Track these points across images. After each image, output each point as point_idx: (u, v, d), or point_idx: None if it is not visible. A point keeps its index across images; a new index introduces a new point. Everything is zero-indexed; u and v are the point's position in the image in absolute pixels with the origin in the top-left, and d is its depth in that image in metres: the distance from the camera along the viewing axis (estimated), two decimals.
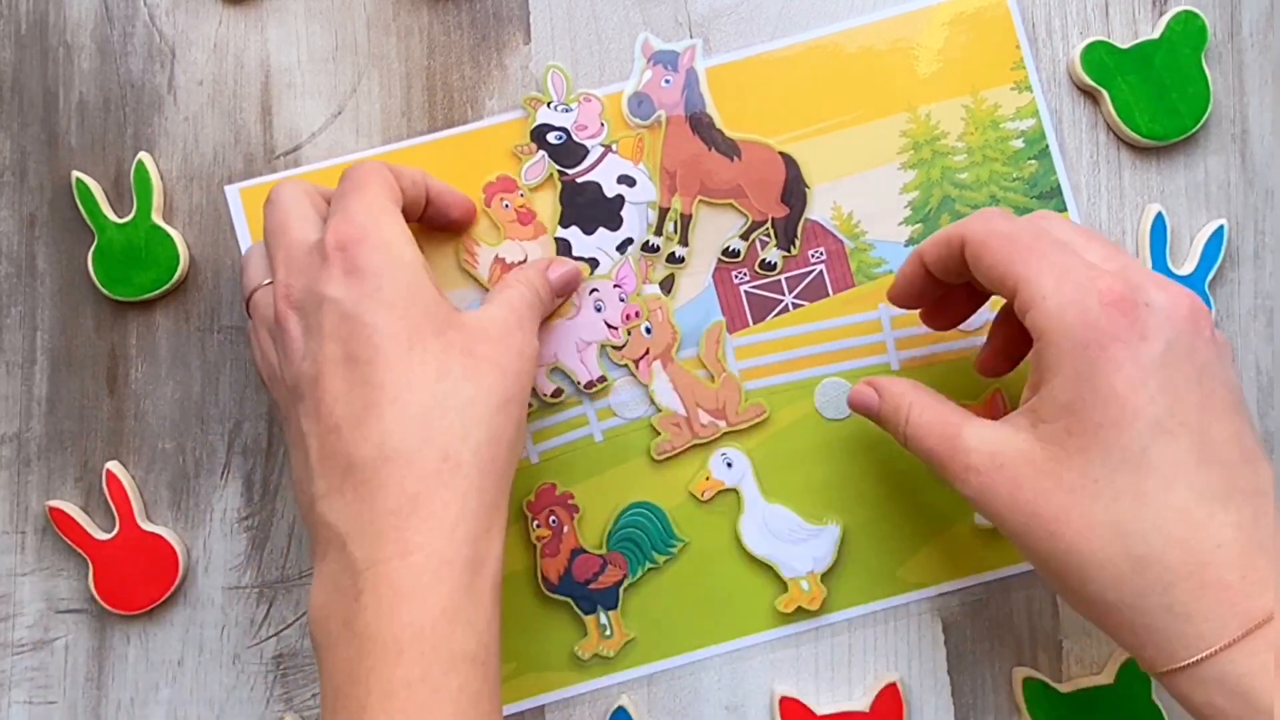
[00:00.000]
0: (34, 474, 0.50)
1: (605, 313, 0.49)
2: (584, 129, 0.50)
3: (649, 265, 0.50)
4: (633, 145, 0.50)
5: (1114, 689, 0.48)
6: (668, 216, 0.50)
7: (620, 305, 0.49)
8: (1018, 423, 0.39)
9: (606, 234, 0.50)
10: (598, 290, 0.49)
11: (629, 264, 0.50)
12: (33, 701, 0.50)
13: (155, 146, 0.51)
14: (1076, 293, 0.37)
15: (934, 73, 0.51)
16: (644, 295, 0.50)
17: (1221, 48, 0.51)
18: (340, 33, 0.51)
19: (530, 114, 0.50)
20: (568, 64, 0.51)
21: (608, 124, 0.50)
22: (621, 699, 0.49)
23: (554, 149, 0.50)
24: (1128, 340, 0.36)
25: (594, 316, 0.49)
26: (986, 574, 0.50)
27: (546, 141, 0.50)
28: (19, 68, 0.51)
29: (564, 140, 0.50)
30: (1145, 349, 0.36)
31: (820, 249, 0.50)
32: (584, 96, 0.50)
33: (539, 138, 0.50)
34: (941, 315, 0.47)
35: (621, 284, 0.49)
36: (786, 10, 0.51)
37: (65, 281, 0.51)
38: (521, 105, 0.50)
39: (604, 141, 0.50)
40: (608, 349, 0.49)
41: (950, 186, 0.50)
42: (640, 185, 0.50)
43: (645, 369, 0.49)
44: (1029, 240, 0.39)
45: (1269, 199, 0.51)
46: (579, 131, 0.50)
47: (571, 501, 0.49)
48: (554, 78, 0.50)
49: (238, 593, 0.50)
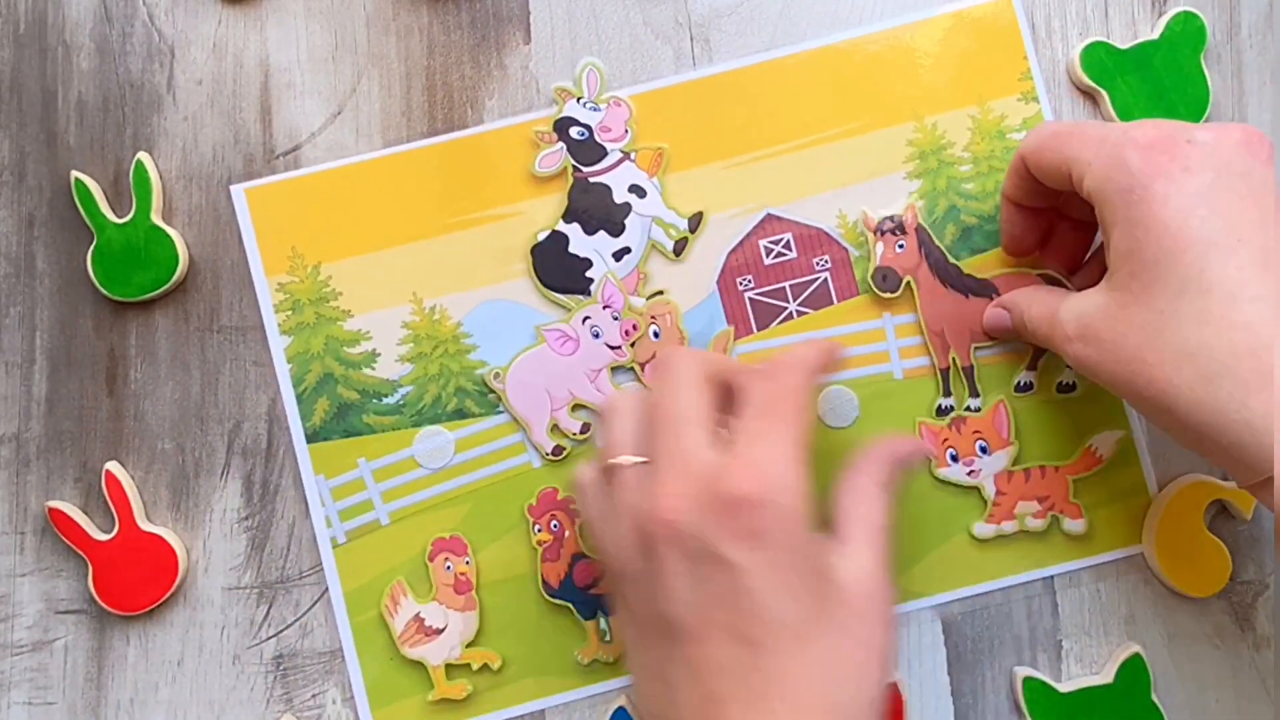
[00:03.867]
0: (33, 474, 0.50)
1: (604, 337, 0.49)
2: (608, 131, 0.50)
3: (640, 279, 0.50)
4: (651, 158, 0.50)
5: (1114, 689, 0.48)
6: (950, 376, 0.50)
7: (616, 324, 0.49)
8: (1100, 286, 0.41)
9: (606, 238, 0.50)
10: (590, 317, 0.49)
11: (610, 282, 0.49)
12: (32, 702, 0.50)
13: (154, 146, 0.51)
14: (1114, 149, 0.39)
15: (940, 82, 0.50)
16: (635, 307, 0.49)
17: (1221, 48, 0.51)
18: (340, 32, 0.51)
19: (559, 104, 0.50)
20: (567, 64, 0.51)
21: (632, 131, 0.50)
22: (621, 699, 0.49)
23: (574, 144, 0.50)
24: (1170, 174, 0.37)
25: (594, 344, 0.49)
26: (987, 584, 0.50)
27: (568, 135, 0.50)
28: (17, 67, 0.51)
29: (586, 138, 0.50)
30: (1190, 179, 0.37)
31: (825, 257, 0.50)
32: (614, 100, 0.50)
33: (562, 130, 0.50)
34: (1059, 254, 0.49)
35: (610, 304, 0.49)
36: (787, 12, 0.51)
37: (64, 281, 0.50)
38: (552, 95, 0.50)
39: (624, 148, 0.50)
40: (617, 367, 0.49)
41: (956, 196, 0.50)
42: (650, 198, 0.50)
43: (651, 372, 0.49)
44: (1071, 128, 0.42)
45: None
46: (602, 133, 0.50)
47: (573, 506, 0.49)
48: (589, 75, 0.50)
49: (238, 593, 0.50)
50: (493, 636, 0.49)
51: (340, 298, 0.50)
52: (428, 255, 0.50)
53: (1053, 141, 0.42)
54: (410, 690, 0.49)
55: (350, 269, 0.50)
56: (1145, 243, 0.38)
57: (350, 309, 0.50)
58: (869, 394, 0.50)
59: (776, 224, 0.50)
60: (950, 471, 0.49)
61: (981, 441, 0.49)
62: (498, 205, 0.50)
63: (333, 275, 0.50)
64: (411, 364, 0.50)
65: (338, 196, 0.50)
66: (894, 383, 0.50)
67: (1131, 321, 0.38)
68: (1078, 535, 0.49)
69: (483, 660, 0.49)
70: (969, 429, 0.49)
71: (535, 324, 0.50)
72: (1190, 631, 0.49)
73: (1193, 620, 0.49)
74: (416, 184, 0.50)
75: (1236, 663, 0.49)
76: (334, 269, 0.50)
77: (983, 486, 0.49)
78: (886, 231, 0.50)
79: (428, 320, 0.50)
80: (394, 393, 0.50)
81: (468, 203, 0.50)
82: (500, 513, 0.50)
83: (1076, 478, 0.49)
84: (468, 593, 0.49)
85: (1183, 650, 0.49)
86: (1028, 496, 0.49)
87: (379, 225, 0.50)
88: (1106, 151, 0.39)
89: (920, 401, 0.50)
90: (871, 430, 0.50)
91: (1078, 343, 0.41)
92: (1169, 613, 0.49)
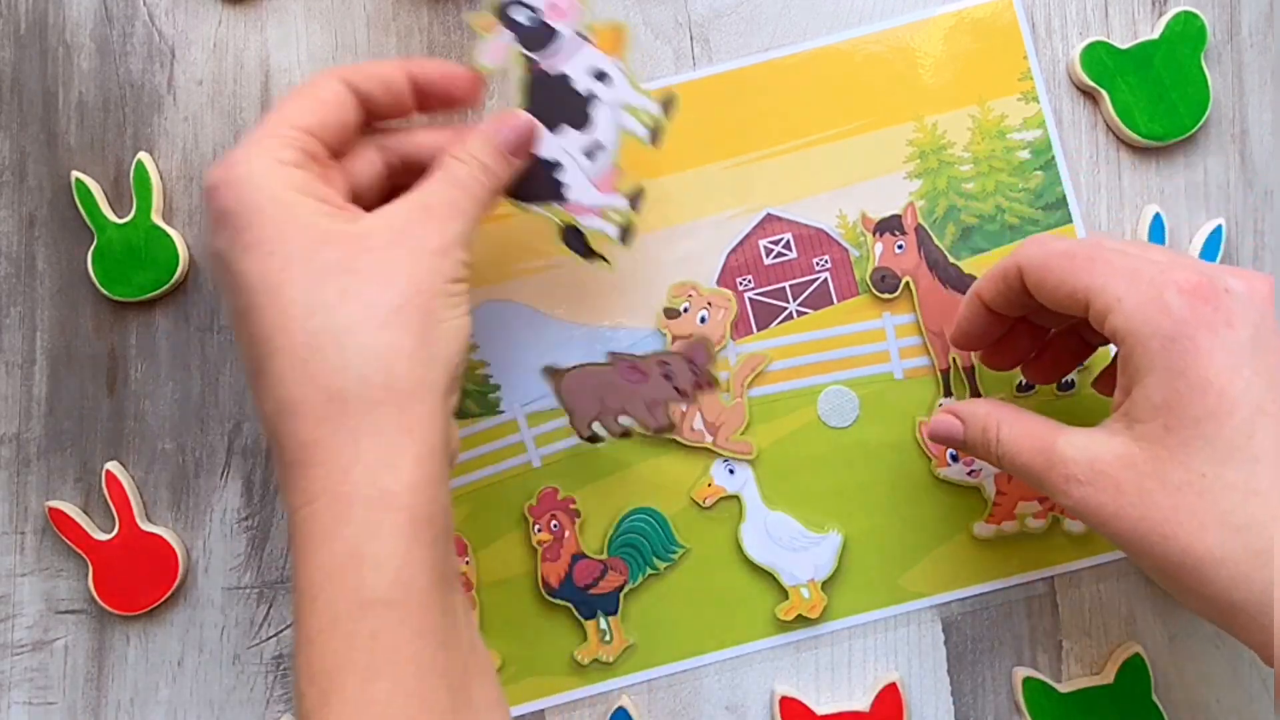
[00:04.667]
0: (33, 474, 0.50)
1: (675, 380, 0.47)
2: (557, 9, 0.43)
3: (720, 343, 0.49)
4: (611, 36, 0.44)
5: (1114, 689, 0.48)
6: (950, 376, 0.50)
7: (692, 378, 0.46)
8: (1113, 428, 0.38)
9: (573, 134, 0.44)
10: (670, 364, 0.46)
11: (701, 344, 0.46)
12: (33, 702, 0.50)
13: (155, 146, 0.51)
14: (1152, 289, 0.36)
15: (941, 82, 0.51)
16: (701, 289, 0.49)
17: (1221, 48, 0.51)
18: (340, 33, 0.51)
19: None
20: None
21: (586, 7, 0.43)
22: (622, 699, 0.49)
23: (521, 29, 0.43)
24: (1214, 327, 0.35)
25: (663, 383, 0.47)
26: (988, 584, 0.50)
27: (512, 20, 0.43)
28: (18, 67, 0.51)
29: (534, 21, 0.43)
30: (1233, 335, 0.36)
31: (825, 257, 0.50)
32: None
33: (504, 15, 0.43)
34: (1003, 355, 0.46)
35: (694, 357, 0.46)
36: (786, 12, 0.51)
37: (65, 281, 0.50)
38: None
39: (579, 28, 0.43)
40: None
41: (956, 196, 0.50)
42: (617, 84, 0.44)
43: None
44: (1089, 252, 0.38)
45: (1268, 199, 0.51)
46: (552, 13, 0.43)
47: (573, 506, 0.49)
48: None
49: (238, 593, 0.50)
50: (492, 636, 0.49)
51: None
52: None
53: (1065, 263, 0.39)
54: None
55: None
56: (1188, 398, 0.35)
57: None
58: (869, 394, 0.50)
59: (776, 224, 0.50)
60: (950, 471, 0.49)
61: None
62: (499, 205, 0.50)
63: None
64: None
65: None
66: (894, 383, 0.50)
67: (1165, 480, 0.36)
68: (1078, 536, 0.49)
69: None
70: None
71: (609, 349, 0.49)
72: (1191, 631, 0.49)
73: (1193, 620, 0.49)
74: None
75: (1237, 663, 0.49)
76: None
77: (983, 486, 0.49)
78: (885, 232, 0.50)
79: None
80: None
81: None
82: (500, 513, 0.50)
83: None
84: (468, 592, 0.49)
85: (1183, 650, 0.49)
86: (1028, 497, 0.49)
87: None
88: (1142, 291, 0.36)
89: (920, 401, 0.50)
90: (872, 430, 0.50)
91: (1088, 487, 0.37)
92: (1169, 613, 0.49)
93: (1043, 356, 0.46)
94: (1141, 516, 0.36)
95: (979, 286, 0.43)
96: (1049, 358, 0.46)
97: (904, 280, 0.50)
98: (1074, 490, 0.38)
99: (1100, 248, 0.39)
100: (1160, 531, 0.36)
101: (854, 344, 0.50)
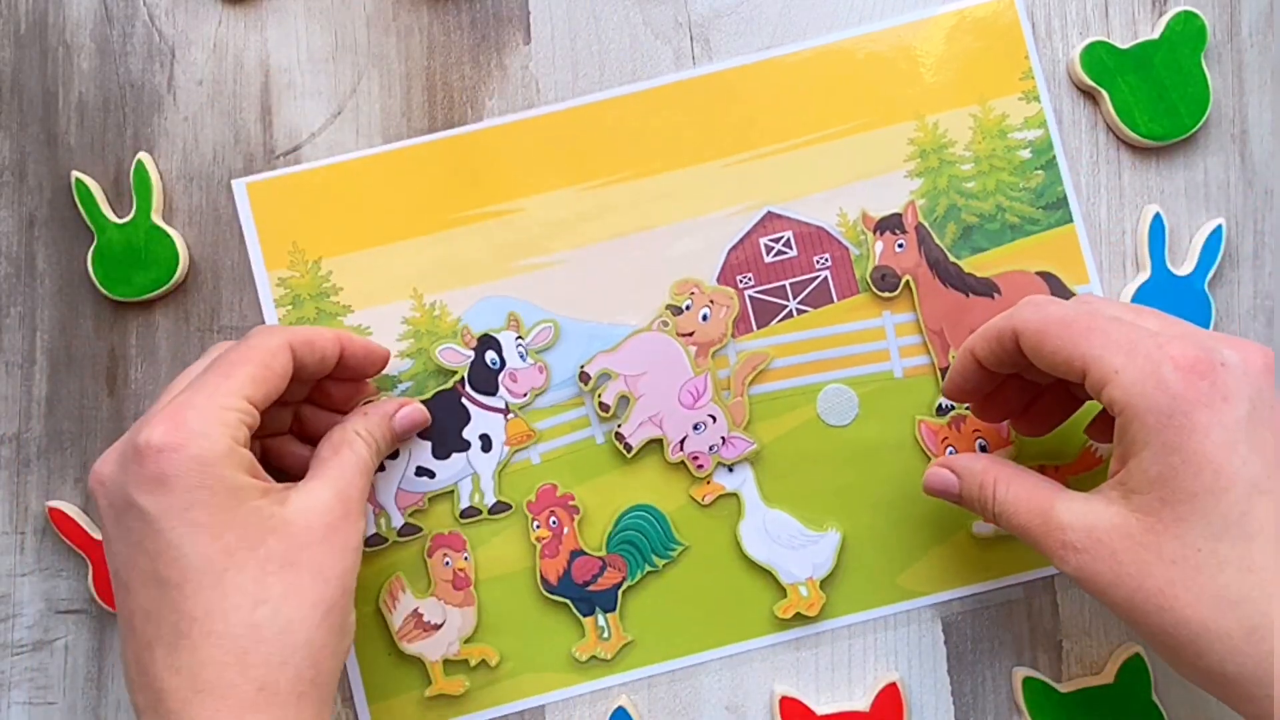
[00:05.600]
0: (33, 474, 0.50)
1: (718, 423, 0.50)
2: (515, 382, 0.49)
3: None
4: (522, 433, 0.49)
5: (1114, 689, 0.48)
6: None
7: None
8: (1110, 495, 0.38)
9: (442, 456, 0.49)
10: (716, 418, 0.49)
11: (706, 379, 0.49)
12: (33, 702, 0.50)
13: (155, 146, 0.51)
14: (1149, 363, 0.37)
15: (942, 81, 0.51)
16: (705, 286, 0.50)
17: (1221, 48, 0.51)
18: (340, 33, 0.51)
19: (505, 324, 0.50)
20: (567, 64, 0.51)
21: (529, 399, 0.49)
22: (621, 699, 0.49)
23: (479, 365, 0.49)
24: (1211, 403, 0.36)
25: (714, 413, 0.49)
26: (987, 583, 0.50)
27: (482, 352, 0.49)
28: (18, 67, 0.51)
29: (493, 367, 0.49)
30: (1229, 410, 0.36)
31: (825, 255, 0.50)
32: (540, 366, 0.49)
33: (482, 342, 0.49)
34: (994, 408, 0.47)
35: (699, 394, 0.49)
36: (787, 12, 0.51)
37: (65, 282, 0.51)
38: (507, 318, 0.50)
39: (511, 405, 0.49)
40: None
41: (956, 195, 0.50)
42: (488, 458, 0.49)
43: None
44: (1086, 320, 0.39)
45: (1268, 199, 0.51)
46: (507, 378, 0.49)
47: (572, 503, 0.49)
48: (544, 330, 0.49)
49: None
50: (491, 632, 0.49)
51: (341, 293, 0.50)
52: (428, 251, 0.50)
53: (1062, 331, 0.39)
54: (408, 686, 0.49)
55: (351, 264, 0.50)
56: (1184, 473, 0.36)
57: (351, 304, 0.50)
58: (869, 393, 0.50)
59: (777, 222, 0.50)
60: None
61: (981, 440, 0.49)
62: (498, 201, 0.50)
63: (333, 270, 0.50)
64: (412, 359, 0.50)
65: (339, 192, 0.50)
66: (894, 381, 0.50)
67: (1160, 552, 0.36)
68: None
69: (480, 656, 0.49)
70: (969, 428, 0.49)
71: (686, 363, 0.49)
72: None
73: None
74: (418, 180, 0.50)
75: None
76: (334, 264, 0.50)
77: None
78: (886, 230, 0.50)
79: (428, 316, 0.50)
80: (394, 388, 0.50)
81: (469, 199, 0.50)
82: None
83: (1076, 478, 0.49)
84: (466, 588, 0.49)
85: None
86: None
87: (380, 221, 0.50)
88: (1139, 364, 0.37)
89: (920, 400, 0.50)
90: (871, 429, 0.50)
91: (1084, 555, 0.38)
92: None
93: (1033, 410, 0.47)
94: (1138, 587, 0.36)
95: (973, 344, 0.43)
96: (1039, 411, 0.46)
97: (904, 279, 0.50)
98: (1071, 557, 0.38)
99: (1097, 316, 0.39)
100: (1156, 602, 0.36)
101: (854, 342, 0.50)
